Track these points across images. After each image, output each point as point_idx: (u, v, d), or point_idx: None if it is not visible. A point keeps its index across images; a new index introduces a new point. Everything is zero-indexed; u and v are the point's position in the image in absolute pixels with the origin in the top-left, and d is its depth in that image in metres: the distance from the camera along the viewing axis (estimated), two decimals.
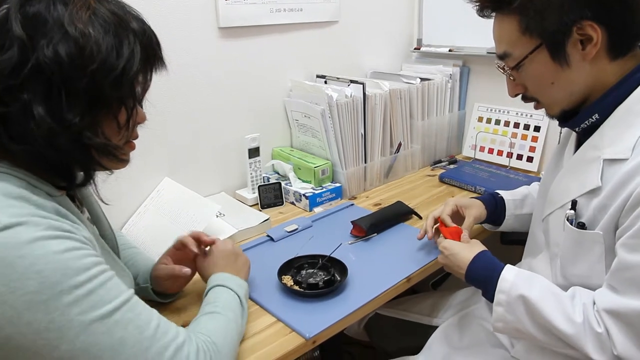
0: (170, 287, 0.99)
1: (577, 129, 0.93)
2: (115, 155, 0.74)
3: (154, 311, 0.71)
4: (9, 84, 0.63)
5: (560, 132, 1.07)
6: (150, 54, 0.74)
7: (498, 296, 0.90)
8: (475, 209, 1.18)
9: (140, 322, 0.67)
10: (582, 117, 0.90)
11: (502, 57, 0.92)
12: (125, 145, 0.77)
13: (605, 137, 0.86)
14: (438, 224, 1.15)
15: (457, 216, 1.17)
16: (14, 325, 0.58)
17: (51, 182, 0.71)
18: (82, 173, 0.74)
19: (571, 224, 0.89)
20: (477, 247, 1.01)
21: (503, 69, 0.93)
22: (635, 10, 0.82)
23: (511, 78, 0.93)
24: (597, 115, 0.87)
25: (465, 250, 1.00)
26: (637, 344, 0.77)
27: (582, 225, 0.87)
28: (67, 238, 0.64)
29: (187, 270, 0.95)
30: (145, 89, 0.76)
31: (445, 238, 1.07)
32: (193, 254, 0.98)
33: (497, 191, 1.25)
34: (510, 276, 0.90)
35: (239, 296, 0.90)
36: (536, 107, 0.96)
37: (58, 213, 0.67)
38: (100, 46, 0.66)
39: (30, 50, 0.63)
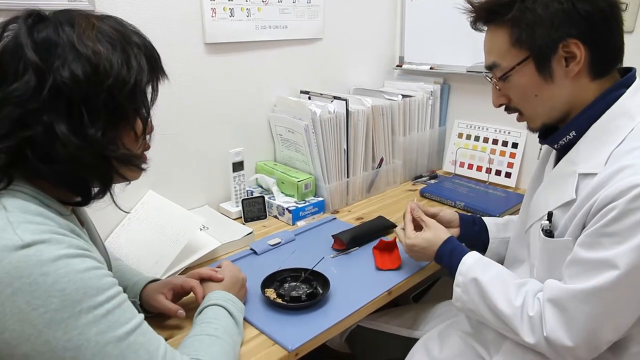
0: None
1: (555, 146, 0.98)
2: (137, 164, 0.77)
3: (161, 337, 0.71)
4: (30, 108, 0.64)
5: (540, 149, 1.11)
6: (154, 65, 0.77)
7: (457, 277, 1.00)
8: (449, 213, 1.26)
9: (151, 348, 0.67)
10: (560, 135, 0.95)
11: (490, 67, 0.96)
12: (142, 155, 0.80)
13: (581, 153, 0.91)
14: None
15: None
16: (31, 344, 0.58)
17: (60, 199, 0.71)
18: (99, 186, 0.75)
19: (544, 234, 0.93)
20: (442, 234, 1.09)
21: (490, 78, 0.98)
22: (617, 33, 0.88)
23: (497, 88, 0.98)
24: (574, 132, 0.93)
25: (430, 242, 1.09)
26: (565, 327, 0.83)
27: (549, 233, 0.92)
28: (87, 257, 0.64)
29: (182, 313, 0.95)
30: (153, 99, 0.80)
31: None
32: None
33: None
34: (470, 260, 1.00)
35: (237, 324, 0.90)
36: (519, 119, 1.00)
37: (73, 231, 0.68)
38: (112, 62, 0.68)
39: (47, 73, 0.65)
